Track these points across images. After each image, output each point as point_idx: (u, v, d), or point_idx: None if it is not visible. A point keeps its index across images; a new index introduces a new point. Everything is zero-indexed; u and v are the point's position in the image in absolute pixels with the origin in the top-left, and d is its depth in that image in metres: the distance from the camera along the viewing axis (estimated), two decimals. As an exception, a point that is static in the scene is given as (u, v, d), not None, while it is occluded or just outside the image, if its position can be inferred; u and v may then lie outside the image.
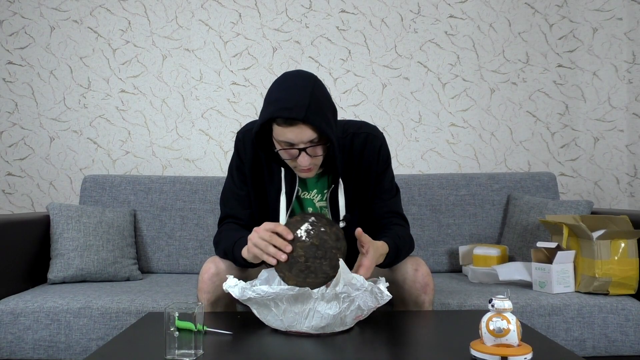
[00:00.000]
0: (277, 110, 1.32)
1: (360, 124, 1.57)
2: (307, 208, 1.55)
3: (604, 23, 2.72)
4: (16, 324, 1.75)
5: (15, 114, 2.67)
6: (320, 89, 1.37)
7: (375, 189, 1.56)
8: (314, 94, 1.33)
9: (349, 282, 1.20)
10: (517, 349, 1.02)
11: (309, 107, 1.31)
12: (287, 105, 1.31)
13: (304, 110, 1.30)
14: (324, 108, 1.35)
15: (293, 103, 1.31)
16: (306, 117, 1.30)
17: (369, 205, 1.57)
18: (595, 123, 2.73)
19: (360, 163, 1.53)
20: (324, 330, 1.20)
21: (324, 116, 1.34)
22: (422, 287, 1.47)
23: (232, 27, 2.70)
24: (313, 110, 1.31)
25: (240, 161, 1.57)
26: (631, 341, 1.77)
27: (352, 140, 1.54)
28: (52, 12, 2.67)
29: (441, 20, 2.72)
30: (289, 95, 1.32)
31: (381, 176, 1.56)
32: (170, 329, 1.05)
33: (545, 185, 2.41)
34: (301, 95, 1.32)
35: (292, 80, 1.36)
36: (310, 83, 1.35)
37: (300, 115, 1.30)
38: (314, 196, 1.55)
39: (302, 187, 1.54)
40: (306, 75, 1.37)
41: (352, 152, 1.53)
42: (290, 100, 1.32)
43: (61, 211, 2.14)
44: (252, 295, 1.20)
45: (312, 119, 1.31)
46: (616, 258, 1.82)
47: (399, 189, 1.63)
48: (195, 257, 2.33)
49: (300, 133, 1.33)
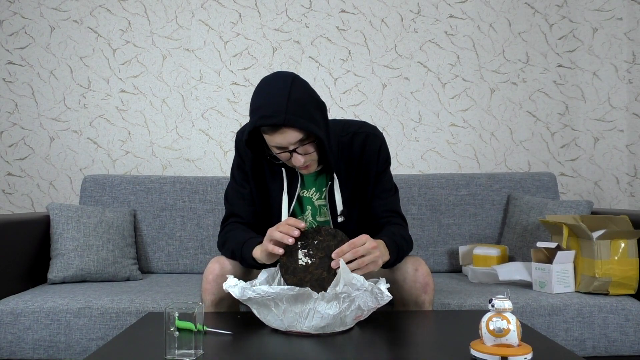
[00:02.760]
0: (259, 119, 1.34)
1: (360, 124, 1.58)
2: (307, 206, 1.56)
3: (604, 23, 2.72)
4: (16, 324, 1.75)
5: (15, 114, 2.67)
6: (299, 88, 1.37)
7: (374, 188, 1.57)
8: (292, 96, 1.34)
9: (349, 282, 1.20)
10: (517, 349, 1.02)
11: (288, 110, 1.32)
12: (266, 112, 1.33)
13: (283, 114, 1.32)
14: (307, 106, 1.36)
15: (272, 109, 1.32)
16: (286, 120, 1.31)
17: (368, 204, 1.57)
18: (595, 123, 2.73)
19: (360, 162, 1.54)
20: (324, 330, 1.21)
21: (306, 115, 1.35)
22: (422, 286, 1.47)
23: (232, 27, 2.70)
24: (292, 112, 1.32)
25: (241, 160, 1.58)
26: (631, 341, 1.77)
27: (353, 139, 1.55)
28: (52, 12, 2.67)
29: (441, 20, 2.72)
30: (268, 102, 1.34)
31: (381, 176, 1.57)
32: (170, 329, 1.05)
33: (545, 185, 2.41)
34: (279, 99, 1.33)
35: (269, 86, 1.37)
36: (287, 84, 1.36)
37: (280, 120, 1.31)
38: (312, 194, 1.55)
39: (302, 185, 1.55)
40: (283, 77, 1.38)
41: (352, 150, 1.54)
42: (269, 107, 1.33)
43: (61, 211, 2.14)
44: (252, 295, 1.20)
45: (294, 121, 1.32)
46: (616, 258, 1.82)
47: (398, 189, 1.63)
48: (195, 257, 2.33)
49: (286, 136, 1.35)
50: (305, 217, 1.56)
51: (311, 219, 1.56)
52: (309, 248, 1.31)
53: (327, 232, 1.32)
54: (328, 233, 1.32)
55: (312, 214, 1.56)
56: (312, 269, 1.30)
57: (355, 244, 1.28)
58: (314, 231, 1.32)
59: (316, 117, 1.38)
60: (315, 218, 1.56)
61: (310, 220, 1.56)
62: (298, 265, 1.30)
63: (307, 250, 1.31)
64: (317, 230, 1.31)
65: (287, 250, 1.31)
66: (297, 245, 1.30)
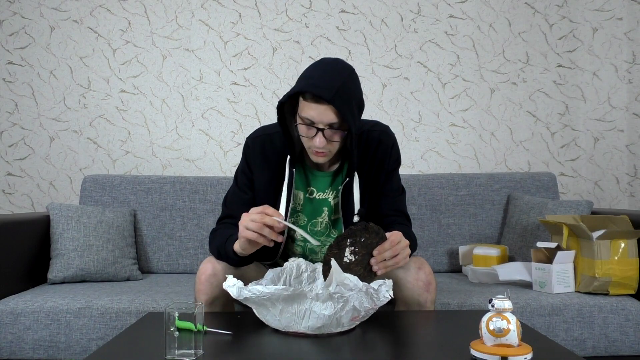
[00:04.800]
0: (307, 85, 1.35)
1: (374, 122, 1.61)
2: (323, 208, 1.57)
3: (604, 23, 2.72)
4: (16, 324, 1.75)
5: (15, 114, 2.67)
6: (354, 81, 1.40)
7: (383, 186, 1.59)
8: (346, 83, 1.37)
9: (342, 282, 1.20)
10: (517, 349, 1.02)
11: (338, 92, 1.34)
12: (318, 83, 1.35)
13: (333, 92, 1.33)
14: (352, 99, 1.38)
15: (325, 83, 1.34)
16: (333, 99, 1.33)
17: (376, 202, 1.59)
18: (595, 123, 2.73)
19: (373, 159, 1.56)
20: (321, 330, 1.20)
21: (349, 105, 1.37)
22: (424, 285, 1.47)
23: (232, 27, 2.70)
24: (341, 95, 1.35)
25: (247, 166, 1.58)
26: (631, 341, 1.77)
27: (367, 136, 1.57)
28: (52, 12, 2.67)
29: (441, 20, 2.72)
30: (323, 75, 1.36)
31: (390, 174, 1.59)
32: (170, 329, 1.05)
33: (545, 185, 2.41)
34: (335, 79, 1.35)
35: (329, 65, 1.39)
36: (346, 73, 1.39)
37: (328, 95, 1.33)
38: (328, 195, 1.56)
39: (315, 187, 1.56)
40: (344, 65, 1.41)
41: (365, 148, 1.56)
42: (323, 80, 1.35)
43: (61, 211, 2.14)
44: (249, 295, 1.20)
45: (338, 103, 1.34)
46: (616, 258, 1.82)
47: (405, 190, 1.65)
48: (195, 257, 2.33)
49: (322, 113, 1.36)
50: (322, 220, 1.57)
51: (327, 220, 1.57)
52: (355, 245, 1.30)
53: (373, 229, 1.30)
54: (373, 230, 1.30)
55: (327, 214, 1.57)
56: (353, 266, 1.30)
57: (394, 242, 1.30)
58: (362, 228, 1.29)
59: (355, 113, 1.40)
60: (330, 218, 1.58)
61: (327, 221, 1.57)
62: (343, 262, 1.29)
63: (354, 248, 1.30)
64: (364, 228, 1.29)
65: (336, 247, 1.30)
66: (345, 242, 1.29)
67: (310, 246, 1.58)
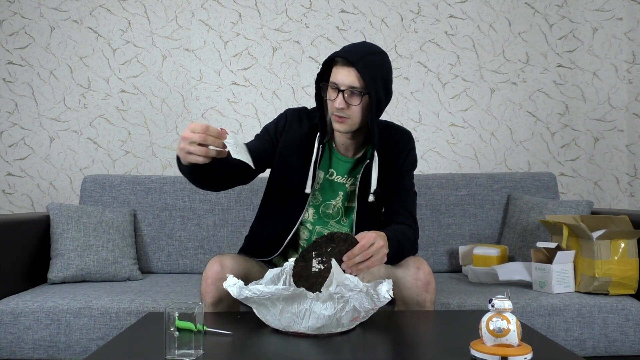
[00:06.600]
0: (340, 51, 1.48)
1: (395, 124, 1.69)
2: (339, 191, 1.62)
3: (604, 23, 2.72)
4: (16, 324, 1.75)
5: (15, 114, 2.67)
6: (383, 60, 1.50)
7: (395, 184, 1.61)
8: (375, 56, 1.48)
9: (342, 283, 1.20)
10: (517, 349, 1.02)
11: (364, 58, 1.45)
12: (350, 49, 1.48)
13: (361, 59, 1.44)
14: (377, 70, 1.47)
15: (356, 52, 1.46)
16: (358, 64, 1.43)
17: (386, 201, 1.62)
18: (595, 123, 2.73)
19: (391, 152, 1.61)
20: (321, 330, 1.20)
21: (373, 74, 1.45)
22: (424, 285, 1.47)
23: (232, 27, 2.70)
24: (368, 64, 1.45)
25: (275, 128, 1.63)
26: (631, 341, 1.77)
27: (390, 132, 1.64)
28: (52, 12, 2.67)
29: (441, 20, 2.72)
30: (356, 46, 1.50)
31: (404, 174, 1.63)
32: (170, 329, 1.05)
33: (545, 185, 2.41)
34: (364, 49, 1.48)
35: (365, 44, 1.52)
36: (377, 50, 1.50)
37: (355, 59, 1.44)
38: (346, 181, 1.62)
39: (333, 168, 1.62)
40: (380, 48, 1.52)
41: (387, 140, 1.62)
42: (354, 47, 1.49)
43: (61, 211, 2.14)
44: (249, 294, 1.20)
45: (362, 68, 1.43)
46: (616, 258, 1.82)
47: (417, 194, 1.68)
48: (195, 257, 2.33)
49: (346, 75, 1.46)
50: (335, 204, 1.62)
51: (340, 205, 1.62)
52: (322, 256, 1.31)
53: (339, 237, 1.30)
54: (340, 239, 1.31)
55: (342, 200, 1.62)
56: (324, 273, 1.30)
57: (364, 246, 1.30)
58: (327, 239, 1.30)
59: (378, 83, 1.48)
60: (344, 204, 1.62)
61: (340, 206, 1.62)
62: (312, 272, 1.30)
63: (321, 258, 1.31)
64: (329, 238, 1.30)
65: (302, 260, 1.30)
66: (311, 254, 1.30)
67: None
